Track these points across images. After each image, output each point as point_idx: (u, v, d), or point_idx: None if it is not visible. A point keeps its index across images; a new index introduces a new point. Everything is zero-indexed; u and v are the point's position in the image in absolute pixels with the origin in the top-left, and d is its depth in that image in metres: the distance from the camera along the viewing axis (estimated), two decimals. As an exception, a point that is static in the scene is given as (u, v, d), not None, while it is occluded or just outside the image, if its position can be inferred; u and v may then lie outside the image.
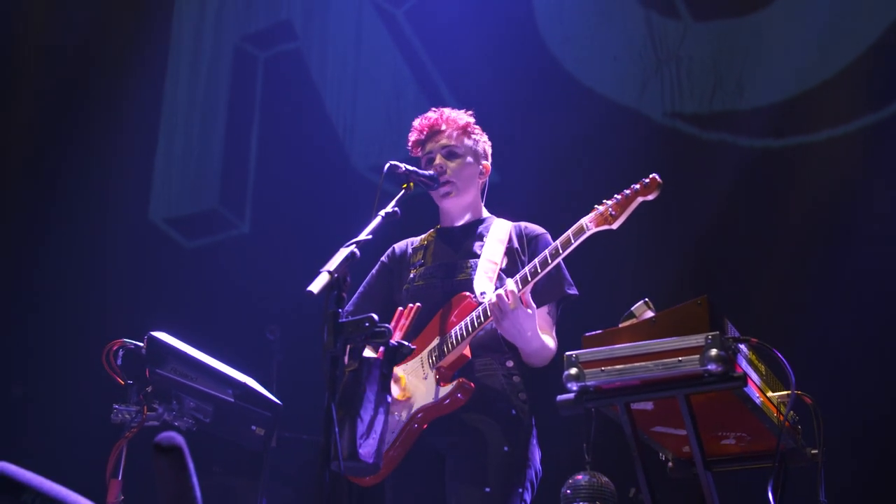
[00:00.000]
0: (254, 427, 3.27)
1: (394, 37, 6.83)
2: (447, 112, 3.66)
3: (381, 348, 2.93)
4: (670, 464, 3.34)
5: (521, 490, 3.19)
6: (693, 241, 5.40)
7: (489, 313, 3.19)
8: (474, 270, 3.40)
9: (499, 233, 3.51)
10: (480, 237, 3.53)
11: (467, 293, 3.35)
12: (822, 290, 5.00)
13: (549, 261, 3.16)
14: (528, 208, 3.87)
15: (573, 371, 2.81)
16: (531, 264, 3.19)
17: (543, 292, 3.33)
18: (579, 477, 3.56)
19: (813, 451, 3.10)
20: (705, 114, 5.87)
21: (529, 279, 3.17)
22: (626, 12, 6.17)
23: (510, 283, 3.17)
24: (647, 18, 6.08)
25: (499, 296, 3.14)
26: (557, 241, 3.19)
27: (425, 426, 3.26)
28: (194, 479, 1.97)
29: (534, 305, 3.23)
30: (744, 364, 2.78)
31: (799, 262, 5.14)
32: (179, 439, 1.92)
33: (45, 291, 6.88)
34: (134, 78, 7.33)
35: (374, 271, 3.70)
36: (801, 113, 5.62)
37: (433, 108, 3.70)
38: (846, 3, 5.68)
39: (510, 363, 3.37)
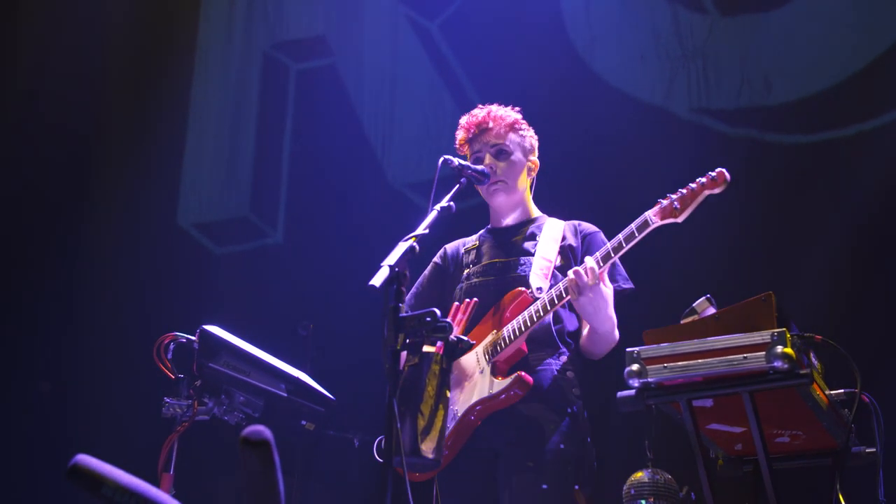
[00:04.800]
0: (304, 422, 3.25)
1: (428, 51, 6.82)
2: (494, 109, 3.65)
3: (441, 343, 2.90)
4: (720, 462, 3.33)
5: (578, 487, 3.17)
6: (726, 237, 5.37)
7: (551, 307, 3.18)
8: (529, 267, 3.39)
9: (552, 231, 3.50)
10: (533, 236, 3.52)
11: (523, 289, 3.34)
12: (870, 286, 4.97)
13: (612, 254, 3.16)
14: (559, 213, 3.83)
15: (635, 367, 2.80)
16: (604, 248, 3.19)
17: None
18: (642, 474, 3.53)
19: (868, 451, 3.09)
20: (732, 110, 5.83)
21: (602, 263, 3.17)
22: (653, 8, 6.14)
23: (590, 261, 3.16)
24: (674, 13, 6.05)
25: (576, 271, 3.14)
26: (620, 235, 3.17)
27: (480, 421, 3.25)
28: (279, 475, 1.95)
29: (609, 283, 3.22)
30: (806, 362, 2.77)
31: (843, 257, 5.10)
32: (268, 433, 1.90)
33: (78, 292, 6.91)
34: (162, 80, 7.35)
35: (426, 272, 3.71)
36: (830, 108, 5.57)
37: (479, 106, 3.68)
38: (873, -5, 5.65)
39: (564, 358, 3.36)
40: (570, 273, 3.16)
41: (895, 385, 3.74)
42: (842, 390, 3.04)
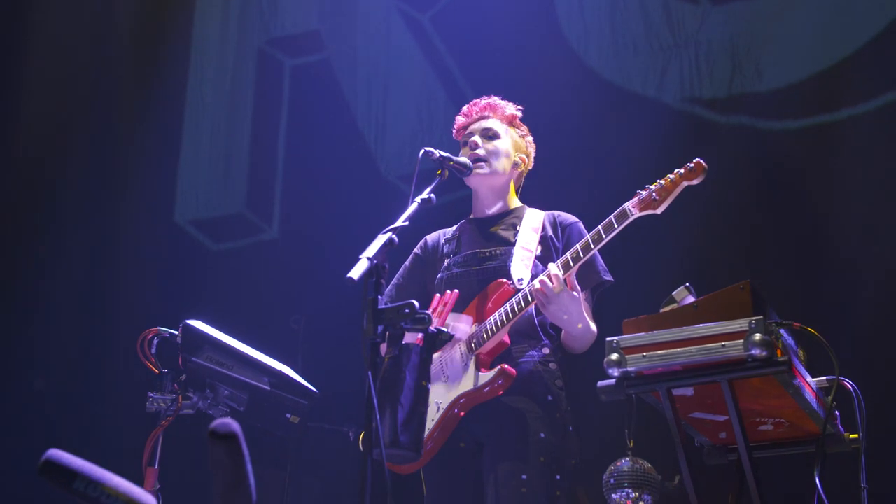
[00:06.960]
0: (288, 415, 3.26)
1: (420, 43, 6.83)
2: (496, 100, 3.68)
3: (421, 335, 2.90)
4: (705, 450, 3.34)
5: (558, 477, 3.18)
6: (714, 226, 5.36)
7: (532, 299, 3.17)
8: (510, 258, 3.39)
9: (532, 221, 3.50)
10: (514, 226, 3.52)
11: (504, 280, 3.33)
12: (853, 273, 4.96)
13: (592, 245, 3.14)
14: (552, 205, 3.83)
15: (614, 357, 2.80)
16: (573, 249, 3.17)
17: (579, 279, 3.30)
18: (621, 463, 3.53)
19: (852, 437, 3.09)
20: (724, 98, 5.82)
21: (572, 264, 3.15)
22: (645, -1, 6.14)
23: (553, 268, 3.15)
24: (665, 3, 6.04)
25: (542, 281, 3.12)
26: (600, 226, 3.16)
27: (464, 413, 3.25)
28: (249, 468, 1.95)
29: (579, 288, 3.22)
30: (785, 349, 2.77)
31: (831, 244, 5.09)
32: (235, 426, 1.89)
33: (76, 289, 6.93)
34: (157, 77, 7.35)
35: (407, 263, 3.70)
36: (820, 93, 5.56)
37: (484, 96, 3.70)
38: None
39: (546, 350, 3.35)
40: (536, 283, 3.15)
41: (877, 371, 3.75)
42: (824, 377, 3.05)
